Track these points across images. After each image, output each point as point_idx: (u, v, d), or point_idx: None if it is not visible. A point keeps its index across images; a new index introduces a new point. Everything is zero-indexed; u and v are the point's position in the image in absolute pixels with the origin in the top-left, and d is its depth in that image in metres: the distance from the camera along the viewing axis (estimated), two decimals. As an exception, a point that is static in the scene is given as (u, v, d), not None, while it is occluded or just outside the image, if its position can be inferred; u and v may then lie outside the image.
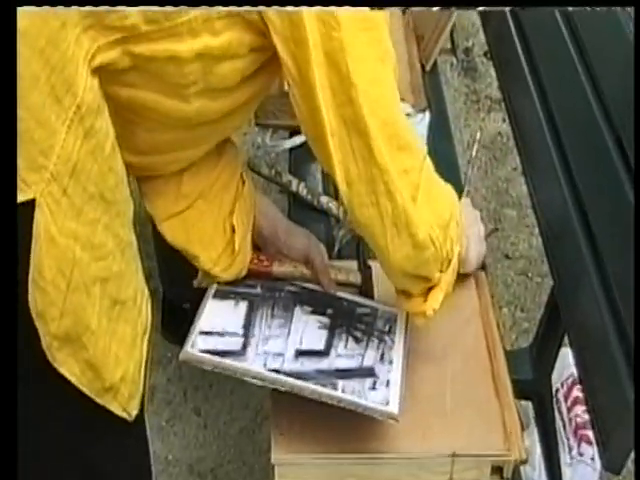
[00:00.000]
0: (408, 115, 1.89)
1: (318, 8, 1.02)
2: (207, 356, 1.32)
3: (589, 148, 1.45)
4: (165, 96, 1.14)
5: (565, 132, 1.54)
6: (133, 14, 1.02)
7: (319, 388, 1.28)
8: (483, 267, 1.63)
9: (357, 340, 1.40)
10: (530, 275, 2.74)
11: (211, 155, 1.42)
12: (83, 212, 1.07)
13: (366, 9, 1.06)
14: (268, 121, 1.90)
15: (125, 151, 1.17)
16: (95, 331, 1.14)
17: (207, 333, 1.36)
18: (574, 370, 1.71)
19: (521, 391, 1.54)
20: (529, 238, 2.82)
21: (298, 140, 1.86)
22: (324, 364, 1.34)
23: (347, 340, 1.40)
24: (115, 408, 1.23)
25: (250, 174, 1.58)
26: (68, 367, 1.12)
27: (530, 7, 1.76)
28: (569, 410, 1.79)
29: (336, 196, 1.71)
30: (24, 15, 0.94)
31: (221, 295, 1.46)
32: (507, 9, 1.91)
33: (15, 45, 0.95)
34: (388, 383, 1.32)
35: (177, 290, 2.22)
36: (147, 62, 1.08)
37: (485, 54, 3.50)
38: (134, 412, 1.27)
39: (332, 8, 1.02)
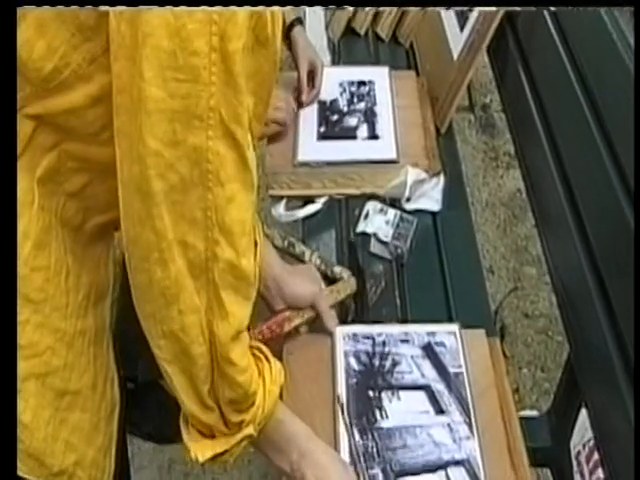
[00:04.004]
0: (423, 181, 1.88)
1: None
2: None
3: (603, 207, 1.44)
4: (87, 144, 1.08)
5: (579, 191, 1.54)
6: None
7: None
8: (502, 328, 1.60)
9: None
10: (550, 334, 2.70)
11: None
12: None
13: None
14: (281, 192, 1.91)
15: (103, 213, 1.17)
16: (29, 425, 1.12)
17: None
18: (593, 432, 1.68)
19: (539, 459, 1.52)
20: (549, 296, 2.79)
21: (311, 209, 1.87)
22: None
23: None
24: None
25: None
26: None
27: (528, 7, 1.75)
28: (591, 473, 1.74)
29: (349, 266, 1.71)
30: None
31: None
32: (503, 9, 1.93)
33: (15, 45, 0.94)
34: None
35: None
36: (51, 118, 1.04)
37: (503, 110, 3.49)
38: None
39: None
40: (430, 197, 1.89)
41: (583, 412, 1.62)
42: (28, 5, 0.93)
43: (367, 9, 2.42)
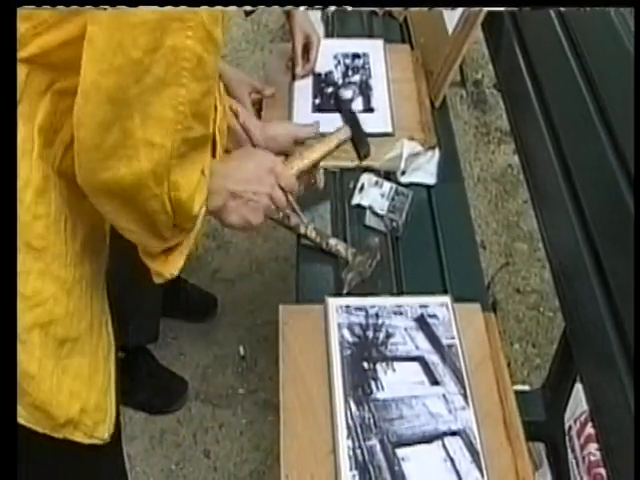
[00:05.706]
0: (418, 154, 1.88)
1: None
2: None
3: (599, 182, 1.44)
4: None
5: (575, 167, 1.54)
6: None
7: None
8: (494, 303, 1.60)
9: None
10: (542, 310, 2.71)
11: None
12: None
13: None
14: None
15: None
16: (36, 376, 1.13)
17: None
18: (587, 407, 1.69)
19: (534, 433, 1.52)
20: (541, 272, 2.80)
21: (306, 181, 1.87)
22: None
23: None
24: (80, 438, 1.23)
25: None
26: None
27: (529, 7, 1.74)
28: (582, 448, 1.76)
29: (344, 238, 1.72)
30: None
31: None
32: (505, 9, 1.93)
33: (15, 45, 0.94)
34: None
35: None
36: (45, 58, 1.04)
37: (495, 86, 3.50)
38: (105, 435, 1.28)
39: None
40: (425, 170, 1.89)
41: (576, 386, 1.63)
42: (28, 5, 0.93)
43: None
